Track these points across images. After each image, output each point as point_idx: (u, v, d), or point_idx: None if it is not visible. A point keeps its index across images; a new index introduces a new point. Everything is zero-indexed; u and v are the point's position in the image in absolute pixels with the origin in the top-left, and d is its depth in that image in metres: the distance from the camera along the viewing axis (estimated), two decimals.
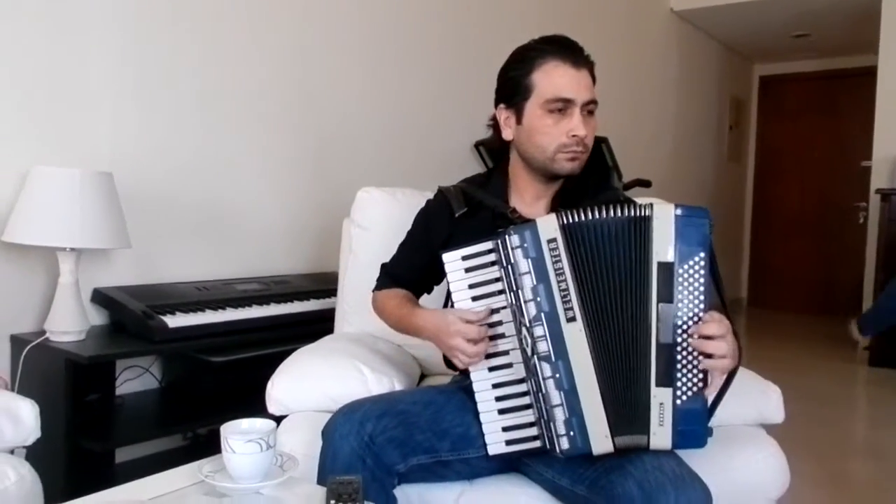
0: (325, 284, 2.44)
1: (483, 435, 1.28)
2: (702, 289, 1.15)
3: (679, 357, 1.15)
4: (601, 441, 1.17)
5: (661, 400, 1.15)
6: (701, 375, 1.16)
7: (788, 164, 6.79)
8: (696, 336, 1.15)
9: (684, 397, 1.15)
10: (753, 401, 1.52)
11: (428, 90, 3.25)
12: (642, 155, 4.89)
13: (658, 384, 1.15)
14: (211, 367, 2.09)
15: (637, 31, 5.07)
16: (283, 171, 2.71)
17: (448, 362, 1.43)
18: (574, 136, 1.33)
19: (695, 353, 1.15)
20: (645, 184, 3.72)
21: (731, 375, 1.22)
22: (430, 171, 3.13)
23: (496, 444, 1.27)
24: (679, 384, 1.15)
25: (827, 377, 4.20)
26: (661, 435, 1.15)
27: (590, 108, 1.36)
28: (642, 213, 1.18)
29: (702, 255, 1.15)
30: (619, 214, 1.19)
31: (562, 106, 1.33)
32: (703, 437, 1.16)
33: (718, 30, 5.94)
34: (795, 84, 6.83)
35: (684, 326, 1.15)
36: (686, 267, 1.15)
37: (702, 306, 1.15)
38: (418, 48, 3.25)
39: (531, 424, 1.24)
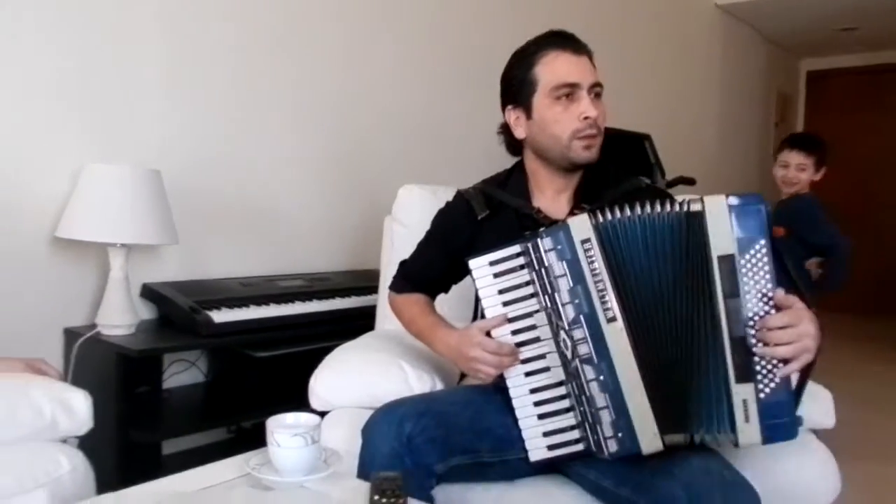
0: (367, 281, 2.46)
1: (523, 440, 1.27)
2: (768, 276, 1.11)
3: (755, 350, 1.11)
4: (651, 440, 1.16)
5: (743, 396, 1.12)
6: (781, 365, 1.11)
7: (836, 160, 6.54)
8: (764, 331, 1.10)
9: (767, 390, 1.11)
10: (803, 405, 1.48)
11: (470, 87, 3.25)
12: (686, 152, 4.81)
13: (738, 381, 1.12)
14: (255, 362, 2.13)
15: (680, 26, 4.98)
16: (326, 170, 2.74)
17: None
18: (586, 118, 1.32)
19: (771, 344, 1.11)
20: (689, 181, 3.66)
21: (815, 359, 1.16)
22: (471, 169, 3.10)
23: (538, 449, 1.26)
24: (760, 377, 1.11)
25: (877, 380, 4.08)
26: (748, 432, 1.12)
27: (596, 90, 1.36)
28: (692, 209, 1.14)
29: (762, 241, 1.11)
30: (662, 210, 1.16)
31: (568, 91, 1.33)
32: (793, 427, 1.13)
33: (763, 24, 5.80)
34: (843, 79, 6.64)
35: (755, 317, 1.11)
36: (748, 257, 1.11)
37: (770, 294, 1.11)
38: (460, 44, 3.24)
39: (572, 427, 1.23)
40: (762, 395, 1.11)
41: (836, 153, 6.95)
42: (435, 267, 1.54)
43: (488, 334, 1.27)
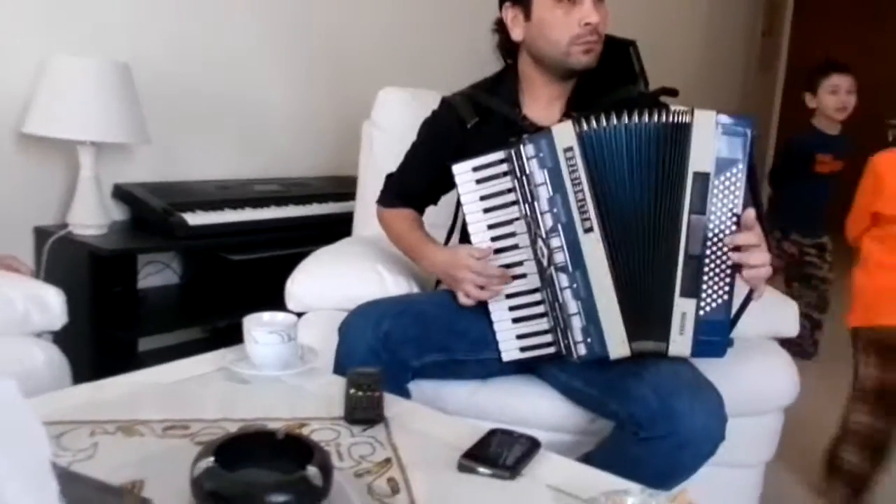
0: (345, 188, 2.42)
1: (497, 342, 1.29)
2: (737, 201, 1.12)
3: (706, 269, 1.14)
4: (618, 346, 1.19)
5: (683, 310, 1.15)
6: (727, 288, 1.14)
7: None
8: (729, 247, 1.12)
9: (708, 308, 1.14)
10: (769, 314, 1.52)
11: None
12: (670, 61, 4.71)
13: (683, 294, 1.15)
14: (230, 265, 2.12)
15: None
16: (305, 70, 2.65)
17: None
18: (587, 24, 1.27)
19: (723, 266, 1.13)
20: (671, 92, 3.60)
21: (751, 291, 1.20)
22: (452, 73, 3.03)
23: (510, 350, 1.29)
24: (704, 295, 1.14)
25: (839, 293, 4.20)
26: (680, 343, 1.16)
27: None
28: (681, 120, 1.13)
29: (740, 166, 1.11)
30: (649, 120, 1.15)
31: None
32: (722, 347, 1.17)
33: None
34: None
35: (714, 238, 1.13)
36: (723, 178, 1.12)
37: (735, 219, 1.12)
38: None
39: (546, 332, 1.26)
40: (702, 313, 1.14)
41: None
42: (423, 178, 1.51)
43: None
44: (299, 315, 1.50)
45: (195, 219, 1.99)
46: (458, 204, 1.32)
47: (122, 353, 1.95)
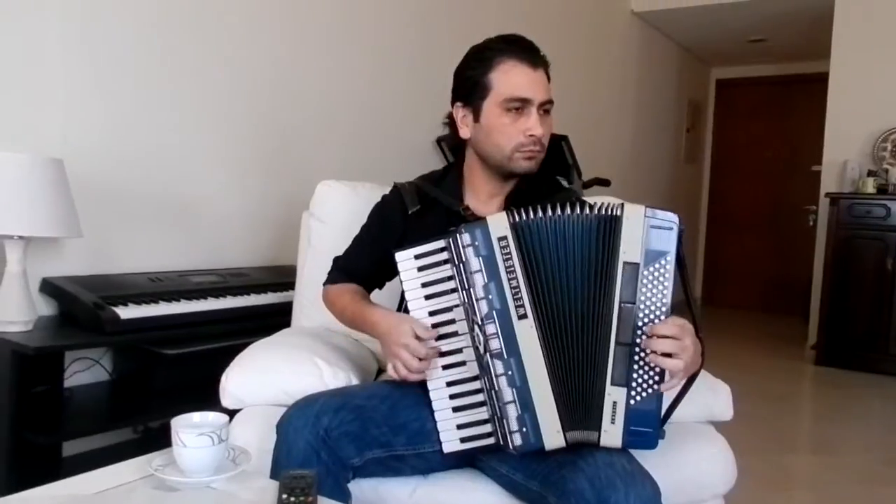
0: (283, 277, 2.42)
1: (438, 432, 1.28)
2: (665, 292, 1.15)
3: (637, 358, 1.16)
4: (553, 436, 1.19)
5: (615, 399, 1.16)
6: (657, 378, 1.16)
7: (743, 166, 6.95)
8: (651, 335, 1.14)
9: (638, 398, 1.16)
10: (703, 399, 1.55)
11: (392, 85, 3.24)
12: (602, 154, 4.95)
13: (614, 383, 1.16)
14: (164, 360, 2.06)
15: (598, 32, 5.12)
16: (243, 162, 2.68)
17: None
18: (531, 135, 1.34)
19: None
20: (604, 182, 3.77)
21: (690, 380, 1.23)
22: (391, 166, 3.12)
23: (451, 441, 1.27)
24: (634, 384, 1.16)
25: (775, 375, 4.32)
26: (612, 433, 1.16)
27: (546, 107, 1.37)
28: (612, 213, 1.18)
29: (669, 258, 1.15)
30: (581, 212, 1.19)
31: (519, 105, 1.34)
32: (654, 438, 1.17)
33: (678, 32, 6.04)
34: (751, 88, 6.99)
35: (644, 328, 1.15)
36: (652, 269, 1.15)
37: (664, 309, 1.15)
38: (382, 44, 3.23)
39: (485, 421, 1.25)
40: (633, 402, 1.16)
41: (742, 159, 7.37)
42: (368, 261, 1.52)
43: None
44: (234, 412, 1.46)
45: (127, 312, 1.94)
46: (402, 291, 1.33)
47: (45, 459, 1.84)
